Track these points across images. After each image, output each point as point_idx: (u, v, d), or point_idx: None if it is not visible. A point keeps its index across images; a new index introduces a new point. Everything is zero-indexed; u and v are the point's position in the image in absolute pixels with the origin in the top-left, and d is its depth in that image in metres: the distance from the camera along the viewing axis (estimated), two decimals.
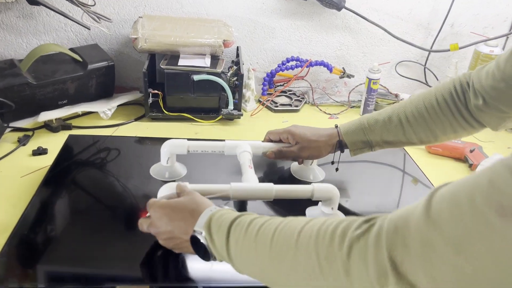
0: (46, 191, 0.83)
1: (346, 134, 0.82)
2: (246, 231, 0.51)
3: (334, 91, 1.38)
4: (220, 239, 0.53)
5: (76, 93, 1.16)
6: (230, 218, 0.54)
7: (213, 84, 1.14)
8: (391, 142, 0.80)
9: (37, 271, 0.65)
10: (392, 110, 0.80)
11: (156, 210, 0.63)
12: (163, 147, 0.86)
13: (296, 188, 0.75)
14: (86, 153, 0.98)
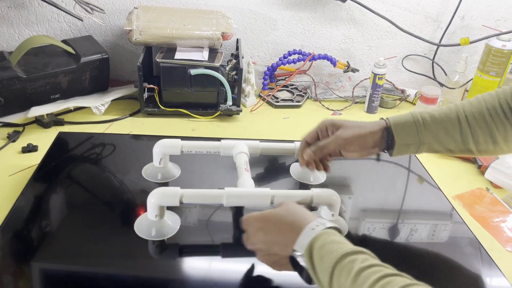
0: (32, 191, 0.79)
1: (395, 124, 0.70)
2: (353, 285, 0.46)
3: (337, 86, 1.32)
4: (323, 275, 0.50)
5: (69, 87, 1.11)
6: (333, 254, 0.49)
7: (211, 79, 1.09)
8: (443, 143, 0.69)
9: (31, 268, 0.64)
10: (448, 108, 0.71)
11: (251, 223, 0.60)
12: (155, 148, 0.81)
13: (294, 194, 0.71)
14: (76, 151, 0.94)
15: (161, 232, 0.70)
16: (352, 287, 0.46)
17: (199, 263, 0.69)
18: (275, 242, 0.57)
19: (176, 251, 0.69)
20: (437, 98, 1.11)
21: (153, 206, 0.68)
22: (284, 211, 0.59)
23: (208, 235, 0.74)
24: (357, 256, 0.49)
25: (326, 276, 0.49)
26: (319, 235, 0.52)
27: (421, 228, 0.79)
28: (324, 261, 0.49)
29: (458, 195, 0.93)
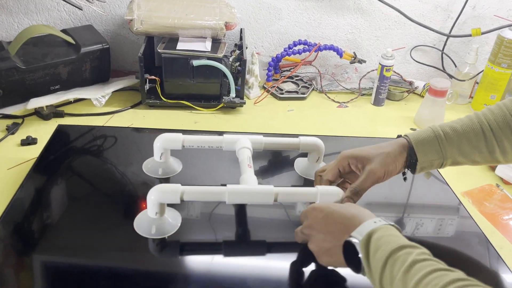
0: (31, 185, 0.78)
1: (416, 142, 0.67)
2: (405, 275, 0.47)
3: (344, 78, 1.29)
4: (376, 263, 0.50)
5: (69, 78, 1.09)
6: (390, 245, 0.50)
7: (214, 70, 1.07)
8: (468, 155, 0.67)
9: (32, 260, 0.63)
10: (468, 118, 0.68)
11: (318, 211, 0.61)
12: (156, 142, 0.79)
13: (298, 192, 0.68)
14: (76, 144, 0.92)
15: (162, 230, 0.68)
16: (404, 277, 0.46)
17: (201, 260, 0.67)
18: (333, 230, 0.58)
19: (177, 247, 0.68)
20: (447, 91, 1.08)
21: (153, 203, 0.66)
22: (348, 205, 0.61)
23: (211, 230, 0.72)
24: (413, 249, 0.49)
25: (379, 264, 0.49)
26: (380, 228, 0.53)
27: (427, 223, 0.78)
28: (380, 251, 0.50)
29: (467, 191, 0.90)
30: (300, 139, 0.80)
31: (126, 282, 0.62)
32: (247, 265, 0.66)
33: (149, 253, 0.67)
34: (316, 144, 0.81)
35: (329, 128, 1.09)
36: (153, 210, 0.66)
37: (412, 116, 1.16)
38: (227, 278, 0.64)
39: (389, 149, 0.68)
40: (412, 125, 1.13)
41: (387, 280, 0.49)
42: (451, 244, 0.74)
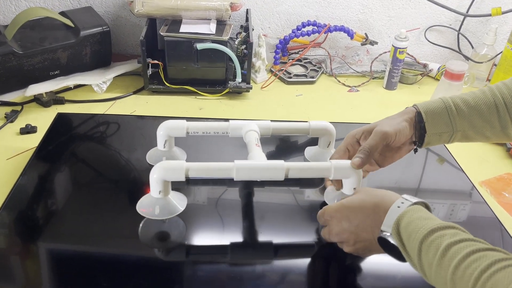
0: (30, 175, 0.75)
1: (426, 112, 0.64)
2: (441, 262, 0.44)
3: (354, 60, 1.24)
4: (413, 253, 0.48)
5: (68, 63, 1.05)
6: (421, 230, 0.47)
7: (218, 54, 1.02)
8: (479, 130, 0.64)
9: (36, 247, 0.62)
10: (481, 92, 0.65)
11: (332, 215, 0.58)
12: (159, 130, 0.75)
13: (311, 166, 0.64)
14: (76, 134, 0.88)
15: (166, 210, 0.64)
16: (441, 263, 0.44)
17: (206, 248, 0.65)
18: (363, 227, 0.55)
19: (183, 232, 0.66)
20: (464, 74, 1.03)
21: (157, 181, 0.62)
22: (363, 194, 0.57)
23: (217, 217, 0.69)
24: (445, 231, 0.46)
25: (415, 252, 0.47)
26: (405, 213, 0.50)
27: (439, 208, 0.75)
28: (411, 239, 0.47)
29: (484, 181, 0.86)
30: (310, 123, 0.77)
31: (131, 268, 0.60)
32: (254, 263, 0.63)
33: (154, 240, 0.65)
34: (327, 128, 0.77)
35: (339, 114, 1.05)
36: (157, 189, 0.62)
37: (426, 100, 1.10)
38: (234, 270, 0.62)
39: (396, 115, 0.66)
40: None
41: (426, 267, 0.46)
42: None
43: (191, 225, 0.67)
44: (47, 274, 0.60)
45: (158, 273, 0.59)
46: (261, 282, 0.60)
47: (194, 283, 0.59)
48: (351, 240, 0.57)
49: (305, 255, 0.64)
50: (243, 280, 0.60)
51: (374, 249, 0.55)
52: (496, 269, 0.40)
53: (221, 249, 0.64)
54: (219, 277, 0.61)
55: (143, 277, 0.59)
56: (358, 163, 0.63)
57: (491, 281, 0.39)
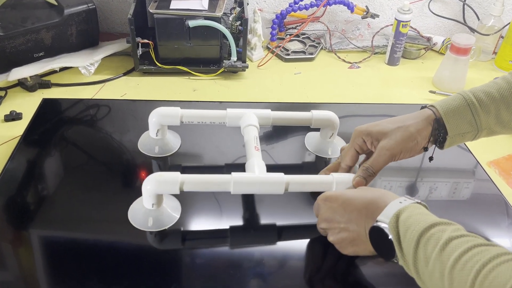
0: (15, 166, 0.71)
1: (446, 113, 0.58)
2: (441, 253, 0.42)
3: (355, 35, 1.18)
4: (408, 245, 0.46)
5: (53, 43, 0.99)
6: (422, 225, 0.45)
7: (212, 31, 0.96)
8: (507, 123, 0.58)
9: (30, 235, 0.60)
10: (505, 80, 0.59)
11: (332, 200, 0.56)
12: (151, 117, 0.71)
13: (312, 181, 0.61)
14: (62, 121, 0.83)
15: (160, 222, 0.61)
16: (440, 257, 0.42)
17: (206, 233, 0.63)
18: (354, 218, 0.53)
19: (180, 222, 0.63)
20: (471, 48, 0.98)
21: (149, 195, 0.58)
22: (363, 190, 0.55)
23: (216, 206, 0.66)
24: (446, 226, 0.44)
25: (411, 245, 0.45)
26: (406, 208, 0.48)
27: (441, 186, 0.73)
28: (410, 231, 0.45)
29: (493, 161, 0.82)
30: (312, 113, 0.72)
31: (124, 253, 0.58)
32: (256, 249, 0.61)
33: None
34: (330, 119, 0.73)
35: (340, 93, 1.00)
36: (149, 202, 0.59)
37: (430, 76, 1.06)
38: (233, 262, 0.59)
39: (410, 122, 0.59)
40: (431, 86, 1.03)
41: (421, 262, 0.44)
42: (467, 207, 0.70)
43: (187, 208, 0.64)
44: (39, 260, 0.58)
45: (153, 258, 0.57)
46: (262, 268, 0.58)
47: (191, 269, 0.57)
48: (337, 229, 0.55)
49: (308, 237, 0.62)
50: (244, 266, 0.58)
51: (358, 243, 0.53)
52: (498, 262, 0.38)
53: (220, 233, 0.62)
54: (219, 263, 0.58)
55: (137, 263, 0.57)
56: (361, 184, 0.59)
57: (492, 274, 0.38)
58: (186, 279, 0.56)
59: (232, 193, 0.58)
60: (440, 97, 0.98)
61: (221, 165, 0.74)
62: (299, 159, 0.78)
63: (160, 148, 0.73)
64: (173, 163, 0.74)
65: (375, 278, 0.58)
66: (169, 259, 0.58)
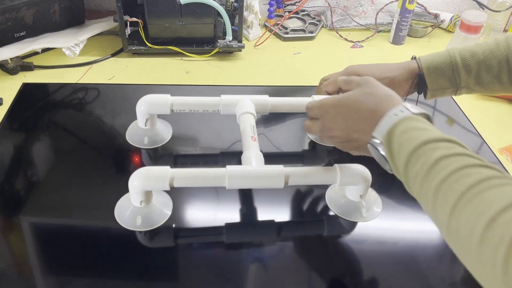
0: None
1: (428, 68, 0.61)
2: (428, 175, 0.40)
3: (358, 12, 1.11)
4: (400, 163, 0.44)
5: (35, 22, 0.92)
6: (414, 141, 0.42)
7: (205, 8, 0.90)
8: (485, 85, 0.61)
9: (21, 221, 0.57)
10: (495, 42, 0.60)
11: (328, 109, 0.53)
12: (139, 105, 0.65)
13: (314, 173, 0.56)
14: (44, 107, 0.78)
15: (149, 221, 0.56)
16: (427, 176, 0.40)
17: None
18: (355, 128, 0.51)
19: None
20: (482, 26, 0.92)
21: (137, 192, 0.53)
22: (364, 94, 0.51)
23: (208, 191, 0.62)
24: (440, 143, 0.41)
25: (402, 163, 0.43)
26: (402, 121, 0.45)
27: None
28: (402, 149, 0.43)
29: (505, 147, 0.78)
30: (313, 98, 0.66)
31: (117, 240, 0.55)
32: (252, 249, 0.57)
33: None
34: None
35: None
36: (137, 199, 0.54)
37: None
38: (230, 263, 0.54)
39: (395, 74, 0.62)
40: None
41: (412, 181, 0.42)
42: None
43: (179, 204, 0.60)
44: (31, 248, 0.55)
45: (142, 257, 0.53)
46: (260, 267, 0.54)
47: (184, 269, 0.53)
48: (341, 137, 0.53)
49: (310, 234, 0.59)
50: (241, 266, 0.54)
51: (364, 150, 0.51)
52: (486, 186, 0.35)
53: (215, 230, 0.58)
54: (213, 263, 0.54)
55: (126, 259, 0.53)
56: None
57: (477, 198, 0.35)
58: (178, 280, 0.52)
59: (228, 188, 0.54)
60: None
61: (216, 153, 0.70)
62: (299, 144, 0.73)
63: (150, 139, 0.68)
64: (164, 154, 0.68)
65: (377, 274, 0.54)
66: (160, 258, 0.54)
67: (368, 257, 0.56)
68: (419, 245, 0.58)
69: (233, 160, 0.68)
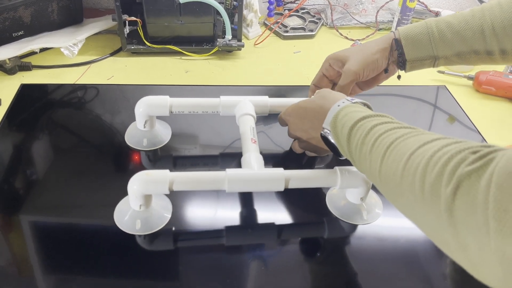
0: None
1: (405, 38, 0.62)
2: (364, 140, 0.46)
3: (358, 10, 1.10)
4: (343, 140, 0.49)
5: (33, 22, 0.92)
6: (353, 119, 0.48)
7: (204, 7, 0.89)
8: (462, 55, 0.61)
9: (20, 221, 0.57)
10: (471, 13, 0.60)
11: (290, 114, 0.62)
12: (138, 107, 0.65)
13: (314, 175, 0.56)
14: (43, 108, 0.77)
15: (148, 224, 0.56)
16: (364, 141, 0.45)
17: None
18: (311, 126, 0.58)
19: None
20: None
21: (136, 196, 0.53)
22: (316, 97, 0.58)
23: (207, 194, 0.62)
24: (374, 117, 0.47)
25: (344, 139, 0.49)
26: (343, 108, 0.51)
27: None
28: (344, 127, 0.49)
29: (506, 146, 0.77)
30: None
31: (117, 244, 0.55)
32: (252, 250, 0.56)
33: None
34: None
35: None
36: (137, 203, 0.54)
37: None
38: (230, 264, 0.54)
39: (372, 44, 0.65)
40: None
41: (354, 151, 0.47)
42: None
43: (179, 207, 0.60)
44: (31, 249, 0.55)
45: (142, 261, 0.53)
46: (261, 271, 0.53)
47: (183, 272, 0.52)
48: (303, 137, 0.61)
49: (311, 236, 0.59)
50: (241, 269, 0.54)
51: (324, 146, 0.55)
52: (407, 137, 0.41)
53: (215, 233, 0.58)
54: (213, 266, 0.54)
55: (128, 253, 0.54)
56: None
57: (400, 145, 0.41)
58: (178, 283, 0.52)
59: (227, 191, 0.53)
60: (450, 78, 0.92)
61: (216, 154, 0.69)
62: None
63: (149, 141, 0.67)
64: (163, 155, 0.68)
65: (378, 277, 0.54)
66: (160, 262, 0.54)
67: (369, 259, 0.56)
68: (420, 248, 0.58)
69: (233, 161, 0.68)
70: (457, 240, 0.32)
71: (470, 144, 0.35)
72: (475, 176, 0.32)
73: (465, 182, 0.32)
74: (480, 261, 0.31)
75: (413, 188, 0.37)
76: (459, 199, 0.32)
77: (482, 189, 0.30)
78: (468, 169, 0.32)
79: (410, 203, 0.38)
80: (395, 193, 0.40)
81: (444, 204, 0.33)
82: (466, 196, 0.32)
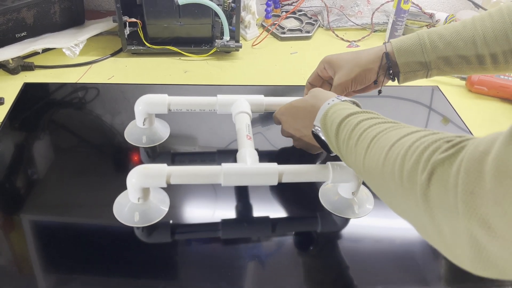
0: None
1: (398, 51, 0.63)
2: (351, 135, 0.48)
3: (354, 12, 1.12)
4: (332, 136, 0.51)
5: (36, 23, 0.94)
6: (341, 115, 0.50)
7: (203, 8, 0.91)
8: (455, 65, 0.62)
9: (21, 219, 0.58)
10: (462, 24, 0.61)
11: (283, 113, 0.64)
12: (137, 105, 0.67)
13: (307, 170, 0.58)
14: (45, 107, 0.79)
15: (147, 217, 0.58)
16: (350, 136, 0.47)
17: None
18: (303, 124, 0.60)
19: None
20: None
21: (135, 189, 0.55)
22: (308, 96, 0.60)
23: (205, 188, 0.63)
24: (361, 114, 0.49)
25: (333, 135, 0.50)
26: (333, 106, 0.53)
27: None
28: (333, 123, 0.51)
29: None
30: None
31: (116, 236, 0.57)
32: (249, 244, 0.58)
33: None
34: None
35: None
36: (135, 196, 0.56)
37: None
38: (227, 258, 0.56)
39: (363, 55, 0.65)
40: None
41: (341, 146, 0.49)
42: None
43: (176, 200, 0.62)
44: (31, 245, 0.56)
45: (140, 253, 0.55)
46: (256, 263, 0.55)
47: (181, 265, 0.54)
48: (296, 135, 0.63)
49: (304, 230, 0.60)
50: (237, 261, 0.55)
51: (315, 143, 0.57)
52: (388, 131, 0.43)
53: (212, 226, 0.59)
54: (210, 258, 0.56)
55: (126, 245, 0.55)
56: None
57: (382, 138, 0.43)
58: (175, 274, 0.54)
59: (223, 185, 0.55)
60: (443, 78, 0.94)
61: (213, 151, 0.71)
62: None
63: (148, 138, 0.69)
64: (162, 152, 0.70)
65: (370, 269, 0.56)
66: (157, 253, 0.56)
67: (361, 252, 0.58)
68: (410, 240, 0.59)
69: (229, 158, 0.70)
70: (433, 224, 0.34)
71: (446, 134, 0.37)
72: (448, 163, 0.33)
73: (439, 169, 0.34)
74: (453, 243, 0.32)
75: (393, 177, 0.39)
76: (434, 185, 0.34)
77: (453, 174, 0.32)
78: (442, 156, 0.34)
79: (391, 191, 0.40)
80: (378, 183, 0.43)
81: (420, 190, 0.35)
82: (439, 182, 0.33)
